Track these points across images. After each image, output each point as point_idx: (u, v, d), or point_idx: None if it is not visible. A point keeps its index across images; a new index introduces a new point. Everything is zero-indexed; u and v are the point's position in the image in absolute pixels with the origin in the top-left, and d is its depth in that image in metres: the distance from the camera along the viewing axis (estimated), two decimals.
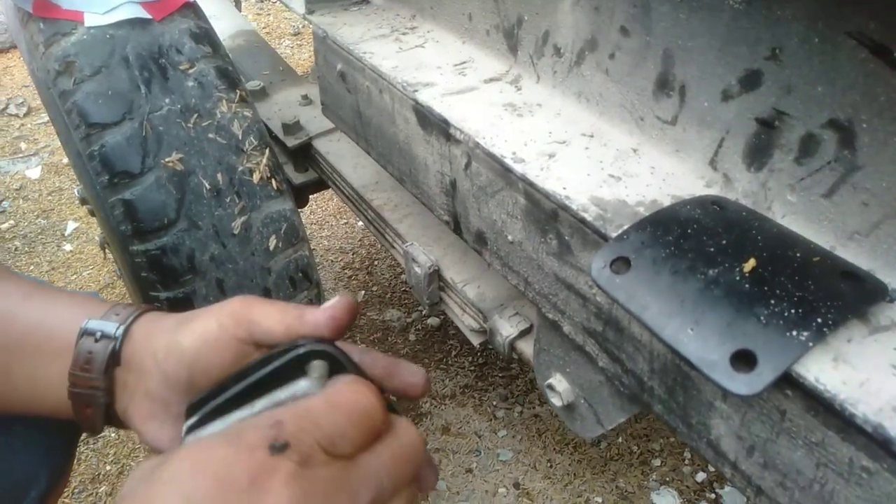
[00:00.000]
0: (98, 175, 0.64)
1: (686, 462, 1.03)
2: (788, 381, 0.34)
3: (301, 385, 0.35)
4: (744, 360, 0.34)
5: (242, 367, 0.38)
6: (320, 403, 0.32)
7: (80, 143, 0.65)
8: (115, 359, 0.42)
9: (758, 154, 0.42)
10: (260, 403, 0.35)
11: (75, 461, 0.63)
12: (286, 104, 1.02)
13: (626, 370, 0.46)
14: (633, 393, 0.47)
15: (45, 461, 0.53)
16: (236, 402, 0.36)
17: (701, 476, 1.01)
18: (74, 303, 0.46)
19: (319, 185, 1.02)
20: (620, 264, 0.40)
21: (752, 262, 0.38)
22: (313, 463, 0.29)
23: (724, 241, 0.40)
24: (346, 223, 1.62)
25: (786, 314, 0.35)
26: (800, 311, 0.35)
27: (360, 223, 1.61)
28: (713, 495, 0.99)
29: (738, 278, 0.37)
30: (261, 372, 0.36)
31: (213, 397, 0.37)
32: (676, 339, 0.36)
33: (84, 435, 1.00)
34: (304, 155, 0.98)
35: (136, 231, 0.65)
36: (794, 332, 0.34)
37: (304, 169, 1.00)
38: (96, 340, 0.42)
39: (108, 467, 1.10)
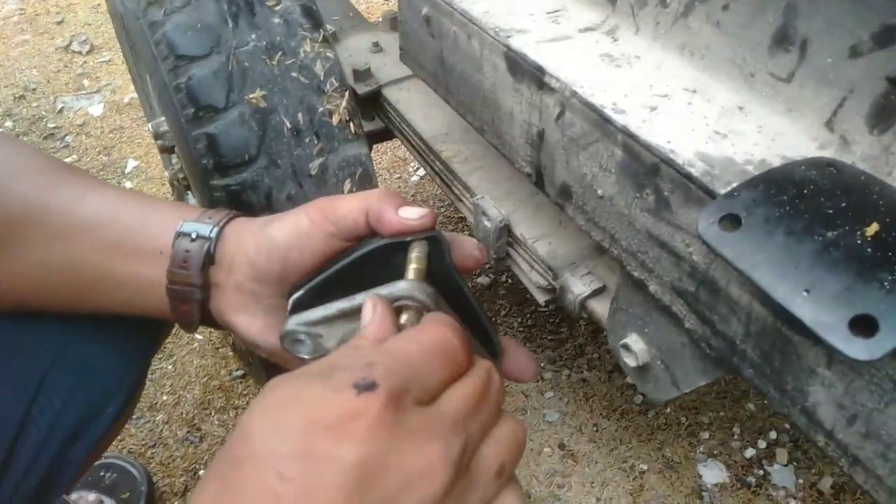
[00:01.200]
0: (183, 108, 0.65)
1: (735, 437, 1.02)
2: None
3: (401, 286, 0.36)
4: (863, 325, 0.33)
5: (347, 252, 0.40)
6: (411, 344, 0.32)
7: (167, 75, 0.65)
8: (210, 258, 0.44)
9: (884, 115, 0.40)
10: (360, 297, 0.37)
11: (140, 397, 0.66)
12: (357, 50, 1.01)
13: (716, 332, 0.45)
14: (720, 356, 0.46)
15: (122, 379, 0.55)
16: (339, 284, 0.38)
17: (750, 452, 1.00)
18: (168, 207, 0.48)
19: (384, 134, 1.02)
20: (729, 222, 0.39)
21: (874, 227, 0.36)
22: (403, 406, 0.28)
23: (842, 204, 0.38)
24: (398, 177, 1.62)
25: None
26: None
27: (414, 178, 1.61)
28: (761, 472, 0.98)
29: (858, 242, 0.36)
30: (361, 251, 0.39)
31: (315, 278, 0.39)
32: (790, 300, 0.35)
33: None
34: (373, 103, 0.98)
35: (218, 166, 0.66)
36: None
37: (371, 118, 1.00)
38: (192, 240, 0.44)
39: (164, 397, 1.14)
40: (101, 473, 0.99)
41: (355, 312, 0.38)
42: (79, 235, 0.46)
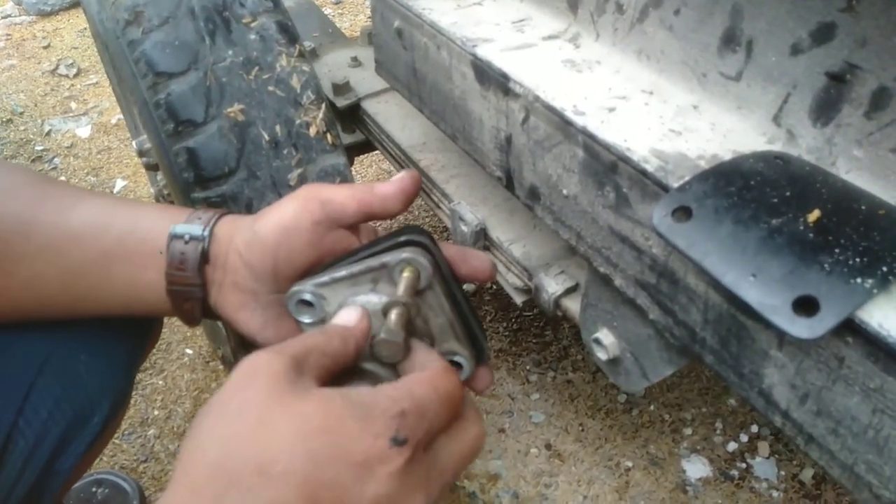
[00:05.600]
0: (163, 123, 0.66)
1: (717, 432, 1.04)
2: (850, 328, 0.35)
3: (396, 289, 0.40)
4: (806, 306, 0.35)
5: (345, 254, 0.42)
6: (430, 392, 0.35)
7: (146, 92, 0.67)
8: (205, 257, 0.46)
9: (825, 109, 0.42)
10: (368, 262, 0.40)
11: (127, 408, 0.67)
12: (336, 65, 1.04)
13: (677, 321, 0.47)
14: (683, 345, 0.48)
15: (107, 389, 0.56)
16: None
17: (732, 446, 1.02)
18: (157, 210, 0.49)
19: (365, 146, 1.04)
20: (682, 213, 0.41)
21: (816, 213, 0.38)
22: (418, 458, 0.33)
23: (787, 194, 0.40)
24: None
25: (850, 263, 0.35)
26: (864, 260, 0.35)
27: None
28: (744, 465, 0.99)
29: (801, 228, 0.38)
30: (363, 255, 0.41)
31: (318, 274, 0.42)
32: (738, 285, 0.37)
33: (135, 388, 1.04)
34: (353, 116, 1.00)
35: (198, 179, 0.67)
36: (858, 280, 0.34)
37: (351, 130, 1.02)
38: (186, 242, 0.46)
39: (155, 412, 1.15)
40: (94, 489, 0.99)
41: (361, 276, 0.40)
42: (72, 244, 0.47)
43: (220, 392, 0.33)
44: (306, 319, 0.42)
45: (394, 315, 0.38)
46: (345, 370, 0.38)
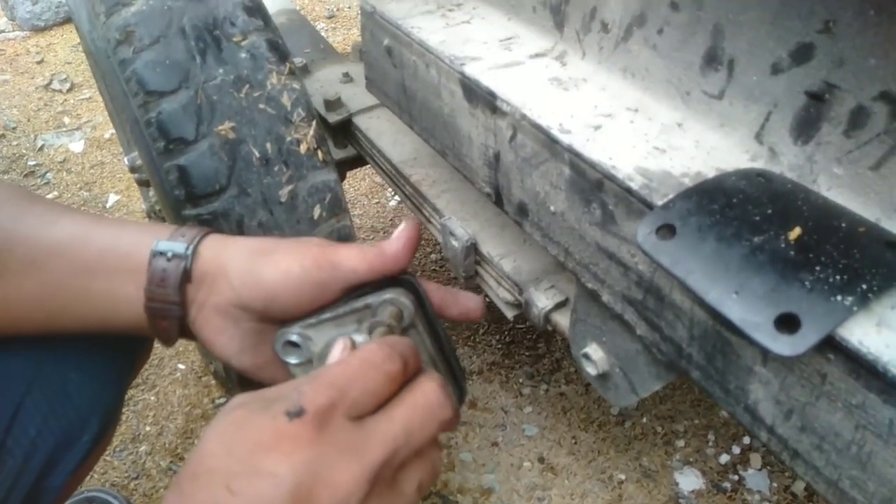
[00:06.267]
0: (155, 141, 0.67)
1: (710, 444, 1.04)
2: (831, 345, 0.35)
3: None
4: (788, 323, 0.35)
5: (338, 302, 0.43)
6: (339, 366, 0.35)
7: (137, 111, 0.67)
8: (186, 275, 0.46)
9: (805, 127, 0.43)
10: (353, 303, 0.41)
11: (117, 425, 0.67)
12: (327, 81, 1.04)
13: (664, 337, 0.48)
14: (670, 360, 0.48)
15: (97, 406, 0.56)
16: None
17: (725, 458, 1.02)
18: (139, 228, 0.50)
19: (356, 161, 1.04)
20: (666, 231, 0.42)
21: (797, 231, 0.39)
22: (330, 426, 0.32)
23: (769, 211, 0.41)
24: (377, 203, 1.64)
25: (830, 280, 0.36)
26: (844, 277, 0.36)
27: (392, 203, 1.63)
28: (736, 477, 0.99)
29: (782, 246, 0.38)
30: (354, 303, 0.42)
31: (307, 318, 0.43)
32: (720, 302, 0.38)
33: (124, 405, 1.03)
34: (344, 131, 1.00)
35: (189, 196, 0.67)
36: (839, 297, 0.35)
37: (343, 145, 1.02)
38: (168, 260, 0.46)
39: (147, 428, 1.14)
40: None
41: (346, 317, 0.40)
42: (52, 259, 0.47)
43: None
44: (293, 360, 0.43)
45: (376, 331, 0.39)
46: None
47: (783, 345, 0.35)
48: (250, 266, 0.44)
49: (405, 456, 0.35)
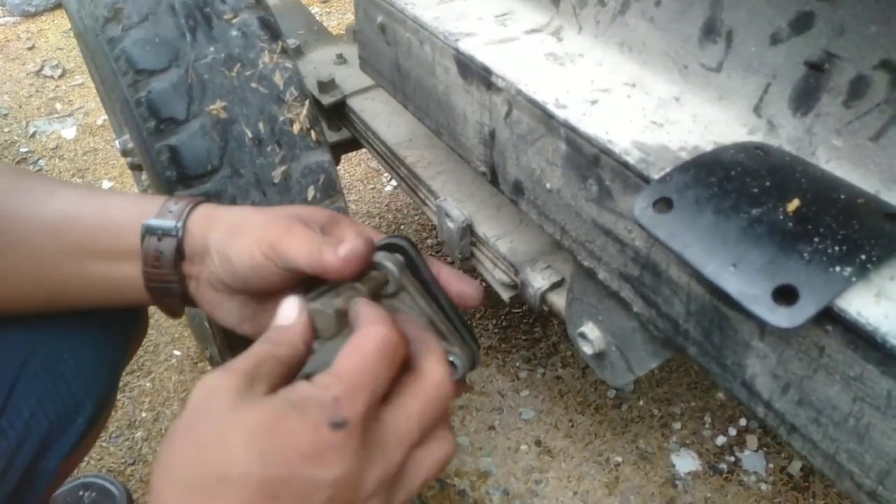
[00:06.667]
0: (145, 121, 0.66)
1: (706, 426, 1.04)
2: (829, 317, 0.35)
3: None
4: (785, 295, 0.35)
5: None
6: (357, 359, 0.35)
7: (127, 90, 0.66)
8: (180, 254, 0.46)
9: (805, 98, 0.42)
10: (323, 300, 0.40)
11: (112, 409, 0.66)
12: (321, 63, 1.03)
13: (661, 314, 0.47)
14: (667, 337, 0.48)
15: (92, 388, 0.56)
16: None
17: (721, 440, 1.02)
18: (128, 201, 0.49)
19: (351, 144, 1.03)
20: (663, 205, 0.41)
21: (795, 203, 0.38)
22: (366, 433, 0.33)
23: (767, 184, 0.40)
24: (372, 188, 1.63)
25: (829, 251, 0.35)
26: (843, 248, 0.35)
27: (387, 188, 1.62)
28: (732, 458, 1.00)
29: (781, 218, 0.38)
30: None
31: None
32: (718, 275, 0.37)
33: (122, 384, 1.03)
34: (339, 114, 0.99)
35: (181, 177, 0.67)
36: (837, 268, 0.34)
37: (337, 128, 1.01)
38: (159, 239, 0.46)
39: (143, 414, 1.14)
40: (81, 493, 0.98)
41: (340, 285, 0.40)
42: (45, 239, 0.47)
43: (180, 417, 0.34)
44: None
45: (337, 294, 0.39)
46: (301, 362, 0.38)
47: (781, 317, 0.35)
48: (224, 246, 0.44)
49: (420, 443, 0.36)
